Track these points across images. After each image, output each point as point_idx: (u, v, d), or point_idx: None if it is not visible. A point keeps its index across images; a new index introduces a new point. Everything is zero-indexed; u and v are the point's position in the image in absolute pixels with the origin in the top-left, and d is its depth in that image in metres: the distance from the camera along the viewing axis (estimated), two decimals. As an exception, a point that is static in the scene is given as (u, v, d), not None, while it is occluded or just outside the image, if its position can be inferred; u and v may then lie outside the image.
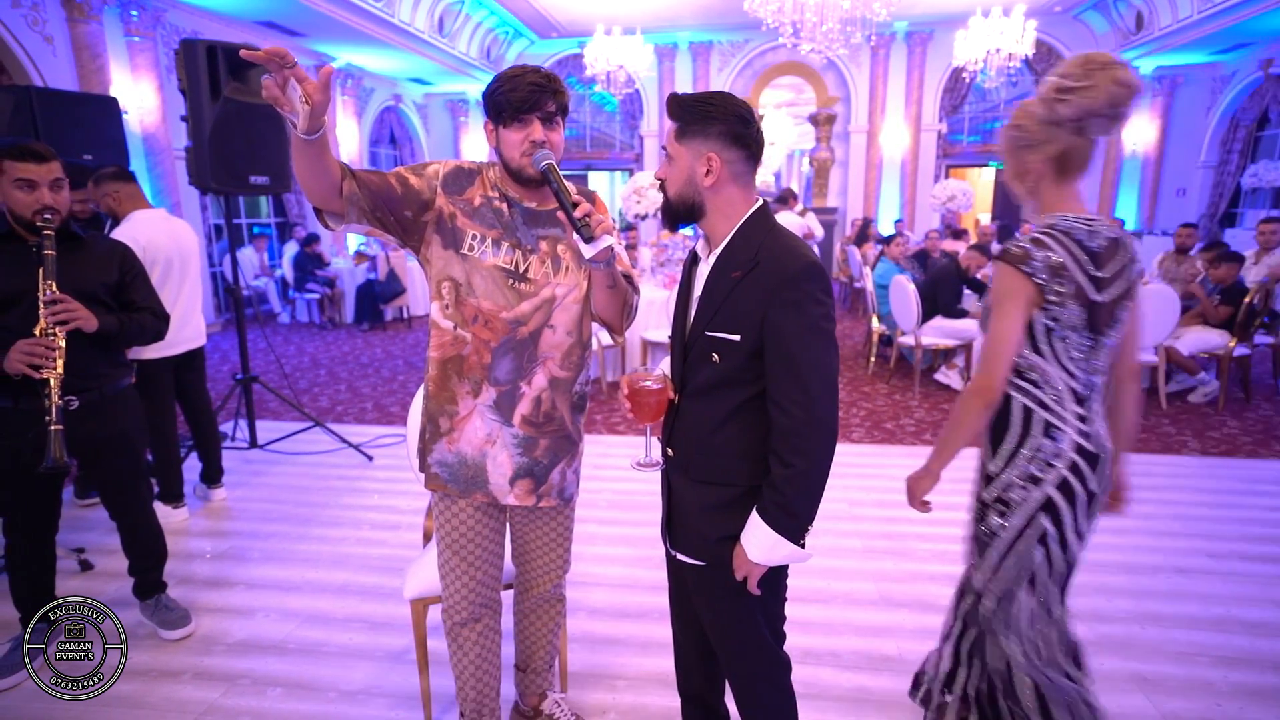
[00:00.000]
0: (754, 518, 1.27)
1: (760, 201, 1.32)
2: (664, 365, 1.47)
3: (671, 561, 1.51)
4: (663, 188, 1.34)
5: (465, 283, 1.46)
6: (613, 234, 1.35)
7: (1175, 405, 4.93)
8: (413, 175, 1.46)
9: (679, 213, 1.33)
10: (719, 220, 1.31)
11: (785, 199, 8.20)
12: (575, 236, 1.32)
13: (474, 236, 1.46)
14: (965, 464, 3.99)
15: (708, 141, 1.26)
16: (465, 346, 1.48)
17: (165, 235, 3.10)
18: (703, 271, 1.35)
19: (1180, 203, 11.42)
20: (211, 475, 3.47)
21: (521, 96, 1.38)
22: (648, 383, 1.37)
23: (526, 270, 1.47)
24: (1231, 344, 4.83)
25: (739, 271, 1.26)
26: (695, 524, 1.36)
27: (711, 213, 1.31)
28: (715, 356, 1.29)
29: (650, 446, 1.46)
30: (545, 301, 1.48)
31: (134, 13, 6.89)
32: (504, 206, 1.48)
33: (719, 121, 1.25)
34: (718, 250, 1.31)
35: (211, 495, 3.47)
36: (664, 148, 1.33)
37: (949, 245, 7.23)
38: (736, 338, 1.25)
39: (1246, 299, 4.82)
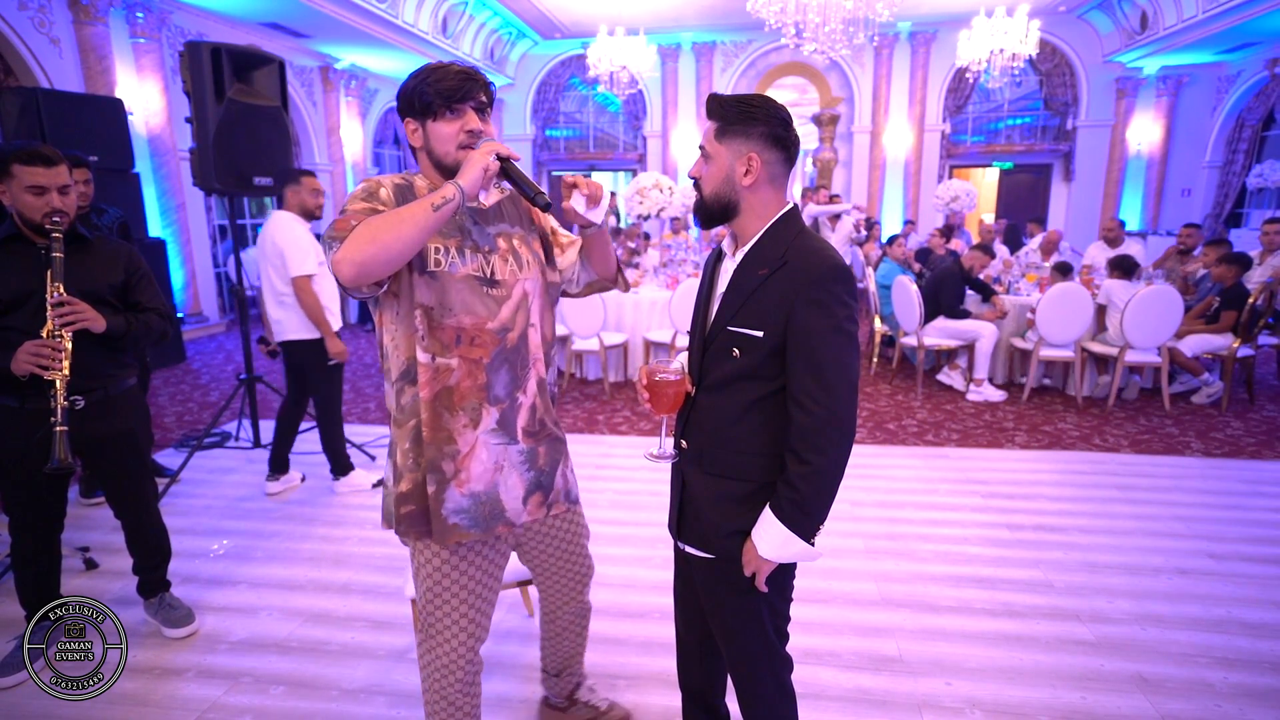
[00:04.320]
0: (766, 513, 1.28)
1: (791, 204, 1.33)
2: (681, 359, 1.47)
3: (679, 555, 1.52)
4: (697, 186, 1.35)
5: (438, 304, 1.35)
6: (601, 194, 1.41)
7: (1179, 406, 4.92)
8: (374, 205, 1.31)
9: (713, 211, 1.33)
10: (751, 219, 1.32)
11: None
12: (577, 207, 1.36)
13: (437, 250, 1.35)
14: (967, 465, 3.97)
15: (749, 142, 1.27)
16: (451, 375, 1.37)
17: (260, 235, 3.35)
18: (728, 268, 1.36)
19: (1185, 203, 11.38)
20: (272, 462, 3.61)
21: (452, 85, 1.32)
22: (667, 374, 1.38)
23: (494, 273, 1.40)
24: (1235, 345, 4.82)
25: (766, 269, 1.28)
26: (706, 517, 1.37)
27: (745, 212, 1.32)
28: (736, 352, 1.30)
29: (665, 438, 1.46)
30: (520, 300, 1.43)
31: (139, 15, 6.93)
32: None
33: (761, 123, 1.27)
34: (746, 248, 1.33)
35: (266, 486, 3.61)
36: (701, 145, 1.33)
37: (947, 245, 7.22)
38: (759, 334, 1.27)
39: (1251, 299, 4.81)
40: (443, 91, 1.32)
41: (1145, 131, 11.36)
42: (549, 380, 1.55)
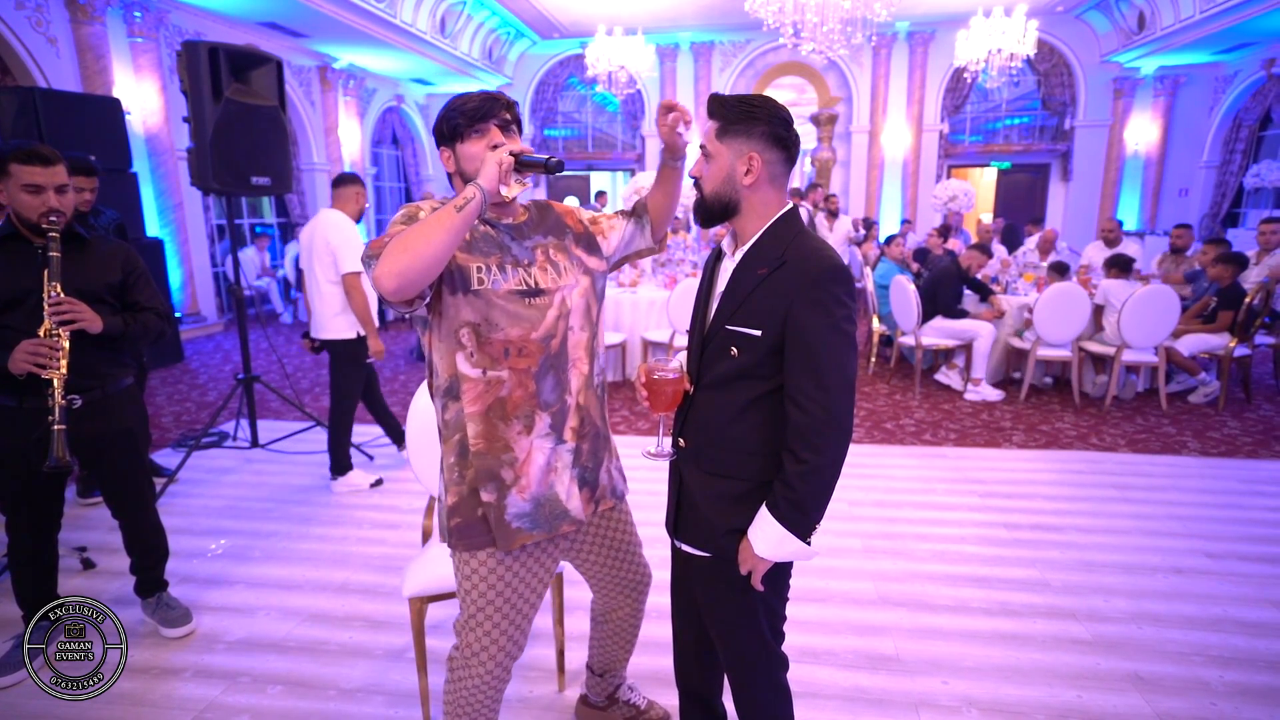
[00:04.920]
0: (763, 512, 1.28)
1: (791, 205, 1.34)
2: (680, 358, 1.48)
3: (676, 554, 1.52)
4: (697, 185, 1.36)
5: (484, 320, 1.39)
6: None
7: (1175, 405, 4.93)
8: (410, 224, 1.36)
9: (713, 211, 1.35)
10: (751, 219, 1.33)
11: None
12: (680, 131, 1.44)
13: (479, 269, 1.39)
14: (965, 465, 3.97)
15: (750, 141, 1.29)
16: (503, 387, 1.41)
17: (306, 231, 3.50)
18: (727, 267, 1.37)
19: (1183, 203, 11.39)
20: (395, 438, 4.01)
21: (475, 106, 1.40)
22: (665, 372, 1.38)
23: (536, 283, 1.44)
24: (1232, 344, 4.83)
25: (765, 268, 1.29)
26: (704, 515, 1.38)
27: (746, 211, 1.33)
28: (734, 350, 1.31)
29: (663, 436, 1.47)
30: (561, 306, 1.46)
31: (137, 14, 6.92)
32: (489, 229, 1.44)
33: (762, 122, 1.28)
34: (745, 247, 1.34)
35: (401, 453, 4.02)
36: (702, 144, 1.34)
37: (945, 244, 7.23)
38: (757, 333, 1.28)
39: (1247, 299, 4.82)
40: (467, 113, 1.40)
41: (1143, 131, 11.37)
42: (595, 372, 1.55)
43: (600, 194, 10.57)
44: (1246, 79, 10.14)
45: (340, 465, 3.59)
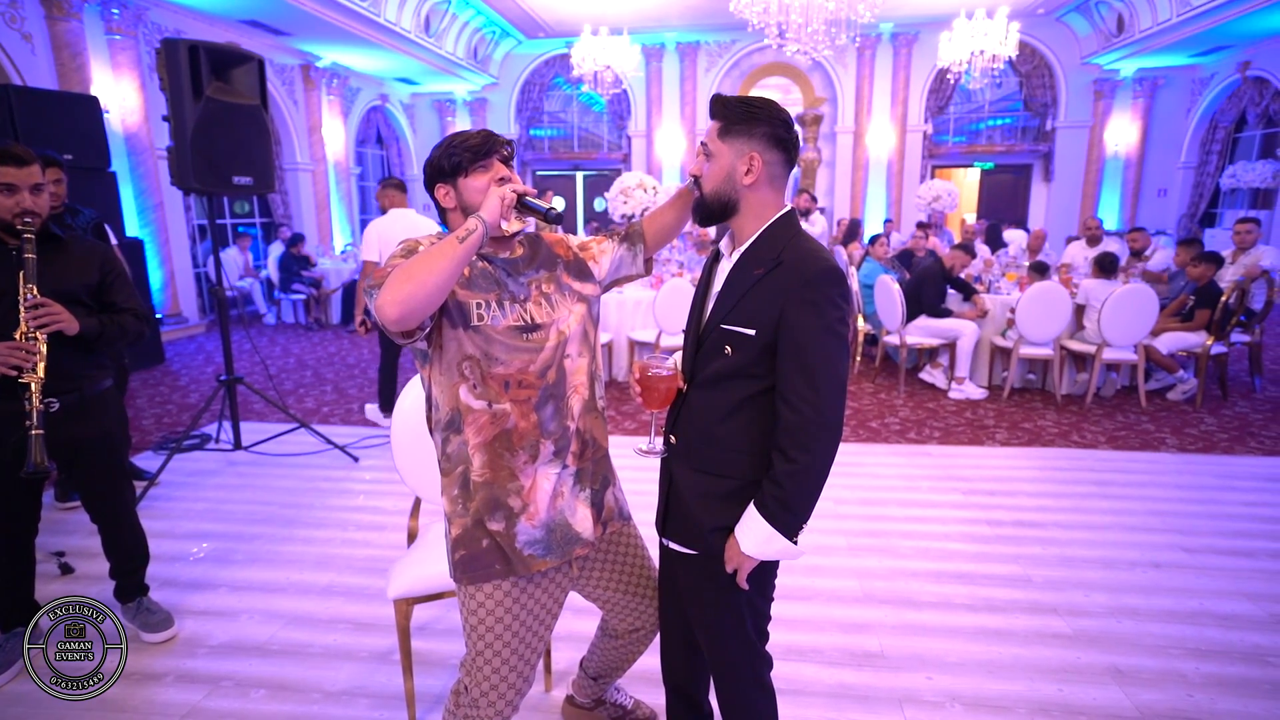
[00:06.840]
0: (750, 510, 1.29)
1: (789, 207, 1.36)
2: (675, 356, 1.49)
3: (663, 552, 1.53)
4: (697, 184, 1.37)
5: (483, 355, 1.39)
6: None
7: (1154, 403, 5.01)
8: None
9: (712, 210, 1.36)
10: (749, 219, 1.35)
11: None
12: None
13: (479, 305, 1.40)
14: (948, 462, 4.01)
15: (751, 141, 1.30)
16: (508, 420, 1.41)
17: (401, 228, 3.87)
18: (724, 268, 1.39)
19: (1161, 203, 11.57)
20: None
21: (478, 142, 1.42)
22: (659, 370, 1.39)
23: (532, 318, 1.44)
24: (1209, 342, 4.91)
25: (761, 269, 1.30)
26: (691, 512, 1.38)
27: (744, 211, 1.34)
28: (728, 349, 1.32)
29: (655, 434, 1.47)
30: (557, 338, 1.46)
31: (115, 11, 6.82)
32: (487, 266, 1.44)
33: (764, 123, 1.29)
34: (742, 248, 1.35)
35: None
36: (704, 143, 1.35)
37: (929, 244, 7.31)
38: (751, 332, 1.29)
39: (1223, 298, 4.90)
40: (471, 148, 1.42)
41: (1122, 133, 11.53)
42: (597, 395, 1.55)
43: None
44: (1223, 81, 10.31)
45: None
